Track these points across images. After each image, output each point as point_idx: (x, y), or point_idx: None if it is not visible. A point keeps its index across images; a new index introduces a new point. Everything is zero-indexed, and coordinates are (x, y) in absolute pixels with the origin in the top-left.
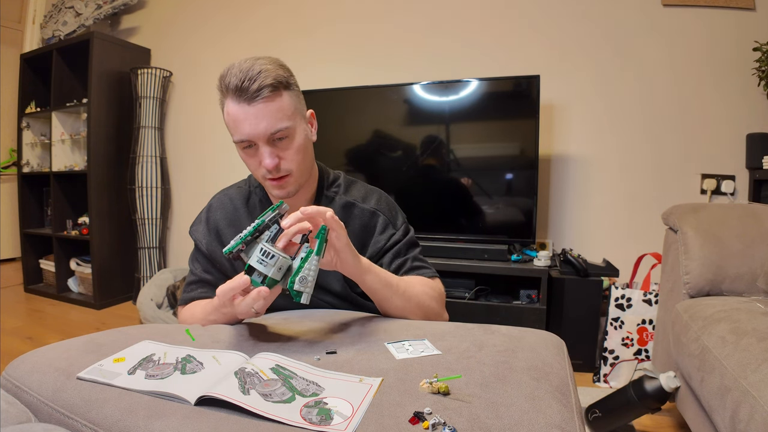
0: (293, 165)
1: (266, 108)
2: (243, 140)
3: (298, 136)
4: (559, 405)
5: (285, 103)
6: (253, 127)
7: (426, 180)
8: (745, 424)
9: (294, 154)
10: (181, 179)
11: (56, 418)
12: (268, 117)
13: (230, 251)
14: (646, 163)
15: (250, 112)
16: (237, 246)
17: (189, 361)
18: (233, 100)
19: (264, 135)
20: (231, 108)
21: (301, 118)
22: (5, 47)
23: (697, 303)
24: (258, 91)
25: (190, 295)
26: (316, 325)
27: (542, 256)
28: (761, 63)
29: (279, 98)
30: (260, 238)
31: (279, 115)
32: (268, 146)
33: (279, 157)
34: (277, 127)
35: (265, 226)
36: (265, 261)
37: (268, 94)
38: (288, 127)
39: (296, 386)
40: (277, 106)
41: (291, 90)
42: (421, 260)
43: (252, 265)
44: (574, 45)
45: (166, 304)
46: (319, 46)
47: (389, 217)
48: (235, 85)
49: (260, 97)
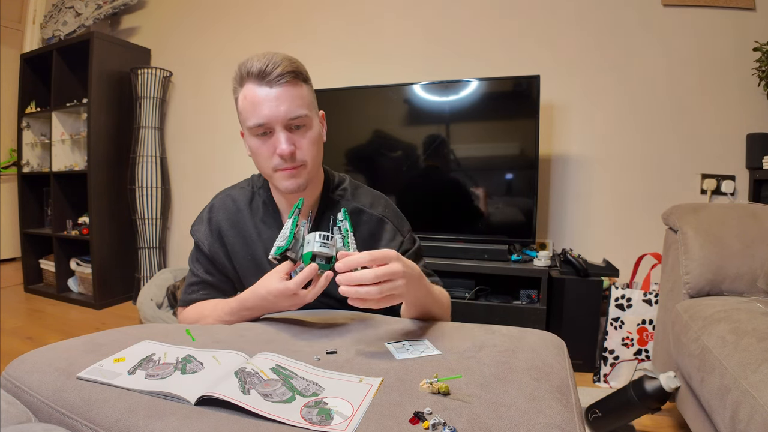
0: (308, 156)
1: (287, 92)
2: (260, 124)
3: (315, 128)
4: (559, 405)
5: (305, 93)
6: (273, 109)
7: (426, 180)
8: (745, 424)
9: (310, 144)
10: (181, 179)
11: (56, 418)
12: (289, 101)
13: (280, 253)
14: (646, 163)
15: (272, 94)
16: (287, 246)
17: (189, 361)
18: (254, 84)
19: (284, 118)
20: (250, 92)
21: (315, 113)
22: (5, 47)
23: (697, 303)
24: (281, 76)
25: (191, 297)
26: (316, 325)
27: (542, 256)
28: (761, 63)
29: (299, 87)
30: (299, 233)
31: (299, 102)
32: (285, 131)
33: (295, 146)
34: (297, 112)
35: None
36: (327, 244)
37: (291, 80)
38: (307, 115)
39: (296, 386)
40: (298, 92)
41: (309, 84)
42: (428, 270)
43: (315, 251)
44: (574, 45)
45: (166, 304)
46: (319, 46)
47: (396, 224)
48: (258, 68)
49: (283, 81)
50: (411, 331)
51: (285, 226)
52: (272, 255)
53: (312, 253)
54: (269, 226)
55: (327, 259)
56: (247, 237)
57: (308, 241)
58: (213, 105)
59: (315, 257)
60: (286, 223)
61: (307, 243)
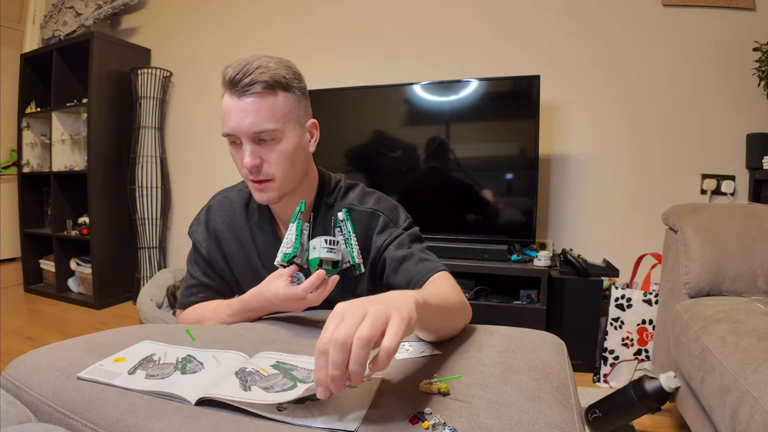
0: (277, 171)
1: (255, 105)
2: (228, 134)
3: (287, 141)
4: (559, 405)
5: (278, 104)
6: (238, 121)
7: (426, 180)
8: (745, 424)
9: (278, 158)
10: (181, 179)
11: (56, 418)
12: (254, 114)
13: (288, 260)
14: (646, 163)
15: (239, 106)
16: (293, 255)
17: (189, 361)
18: (227, 92)
19: (247, 132)
20: (224, 100)
21: (295, 124)
22: (5, 47)
23: (697, 303)
24: (249, 86)
25: (190, 300)
26: (316, 325)
27: (542, 256)
28: (761, 63)
29: (272, 97)
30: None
31: (266, 115)
32: (251, 144)
33: (261, 159)
34: (262, 127)
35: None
36: (333, 249)
37: (260, 91)
38: (275, 129)
39: (297, 376)
40: (267, 105)
41: (290, 93)
42: (428, 254)
43: (323, 257)
44: (574, 45)
45: (166, 304)
46: (319, 46)
47: (390, 216)
48: (231, 76)
49: (251, 92)
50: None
51: (289, 231)
52: (279, 261)
53: (319, 258)
54: (264, 231)
55: (333, 264)
56: (243, 240)
57: (314, 246)
58: (213, 105)
59: (322, 263)
60: (290, 228)
61: (312, 248)
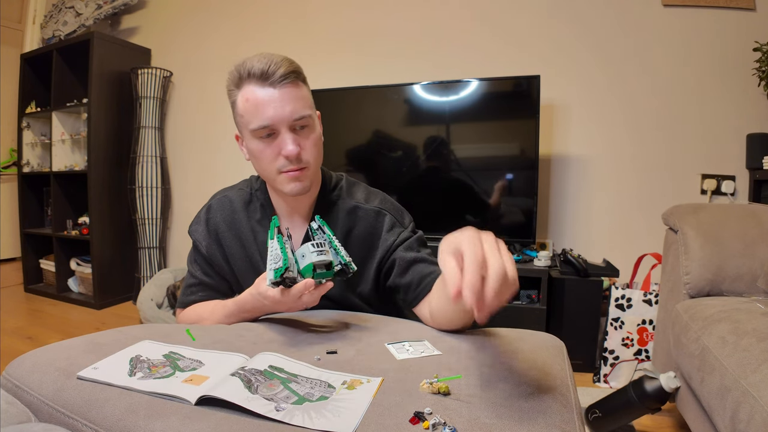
0: (311, 157)
1: (291, 93)
2: (265, 126)
3: (317, 128)
4: (559, 405)
5: (306, 93)
6: (278, 110)
7: (426, 180)
8: (745, 424)
9: (312, 145)
10: (181, 179)
11: (56, 418)
12: (293, 102)
13: (280, 275)
14: (646, 163)
15: (276, 95)
16: (285, 268)
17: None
18: (256, 85)
19: (289, 119)
20: (251, 93)
21: (315, 114)
22: (5, 47)
23: (697, 303)
24: (284, 76)
25: (190, 299)
26: (316, 325)
27: (542, 256)
28: (761, 63)
29: (303, 86)
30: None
31: (303, 103)
32: (290, 132)
33: (300, 146)
34: (302, 113)
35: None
36: (323, 251)
37: (294, 80)
38: (310, 116)
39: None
40: (301, 93)
41: (307, 85)
42: (436, 259)
43: (315, 261)
44: (574, 45)
45: (166, 304)
46: (319, 46)
47: (396, 216)
48: (260, 69)
49: (286, 81)
50: (411, 332)
51: (271, 248)
52: (271, 280)
53: (312, 264)
54: (266, 229)
55: (327, 266)
56: (244, 239)
57: (302, 254)
58: (213, 105)
59: (316, 268)
60: (271, 244)
61: (302, 257)
